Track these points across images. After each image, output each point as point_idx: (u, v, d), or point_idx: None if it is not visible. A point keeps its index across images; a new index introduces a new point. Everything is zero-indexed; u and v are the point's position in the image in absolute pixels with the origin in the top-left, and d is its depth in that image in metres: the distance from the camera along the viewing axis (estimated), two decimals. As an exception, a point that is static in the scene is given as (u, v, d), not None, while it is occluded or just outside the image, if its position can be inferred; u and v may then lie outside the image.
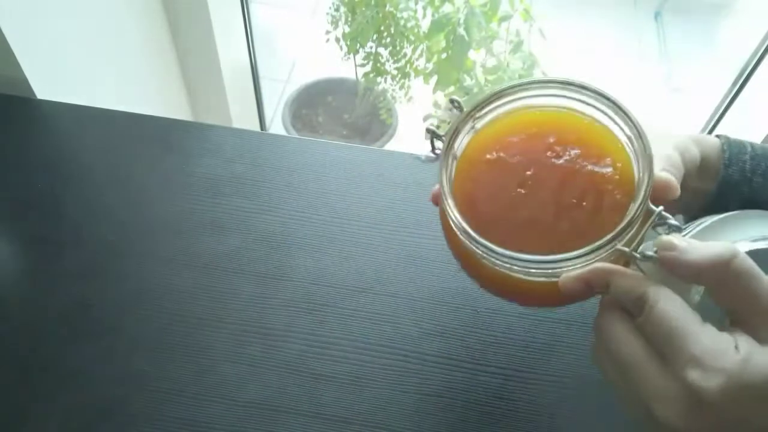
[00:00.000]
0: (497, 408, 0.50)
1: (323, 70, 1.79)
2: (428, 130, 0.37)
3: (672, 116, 1.89)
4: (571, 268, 0.32)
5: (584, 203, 0.34)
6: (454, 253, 0.40)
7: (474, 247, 0.34)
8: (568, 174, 0.35)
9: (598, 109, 0.36)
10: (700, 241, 0.30)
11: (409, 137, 1.72)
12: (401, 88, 1.43)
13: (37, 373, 0.51)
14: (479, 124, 0.37)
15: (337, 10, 1.36)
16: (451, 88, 1.34)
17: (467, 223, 0.34)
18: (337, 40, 1.39)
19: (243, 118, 1.40)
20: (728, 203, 0.45)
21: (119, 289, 0.55)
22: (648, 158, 0.32)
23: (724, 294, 0.30)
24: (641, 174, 0.33)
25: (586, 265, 0.32)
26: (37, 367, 0.51)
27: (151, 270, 0.56)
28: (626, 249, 0.31)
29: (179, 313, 0.54)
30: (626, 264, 0.33)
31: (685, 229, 0.38)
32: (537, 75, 1.28)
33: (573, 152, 0.36)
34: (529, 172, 0.36)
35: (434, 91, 1.35)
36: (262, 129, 1.59)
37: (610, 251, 0.31)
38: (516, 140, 0.37)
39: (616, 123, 0.35)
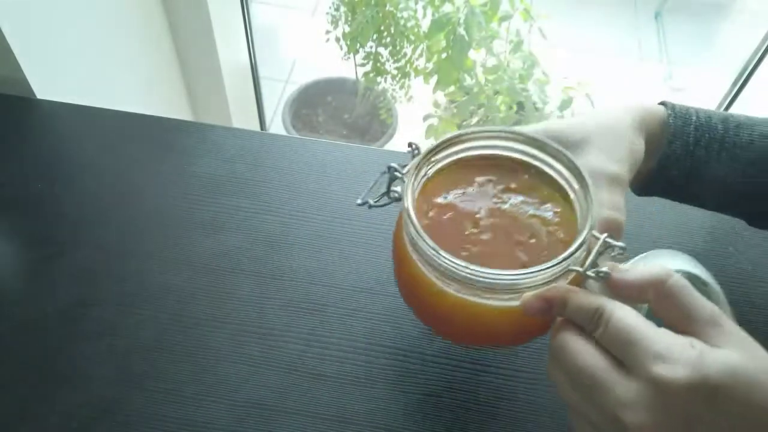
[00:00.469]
0: (497, 408, 0.50)
1: (323, 70, 1.79)
2: (389, 168, 0.39)
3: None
4: (530, 285, 0.35)
5: (532, 241, 0.38)
6: (407, 290, 0.42)
7: (438, 266, 0.36)
8: (514, 218, 0.39)
9: (541, 160, 0.40)
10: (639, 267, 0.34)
11: (409, 137, 1.72)
12: (401, 87, 1.43)
13: (37, 373, 0.51)
14: (434, 168, 0.40)
15: (337, 9, 1.36)
16: (452, 88, 1.34)
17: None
18: (337, 39, 1.39)
19: (243, 118, 1.40)
20: (670, 176, 0.46)
21: (119, 289, 0.55)
22: (592, 213, 0.36)
23: (665, 309, 0.32)
24: (584, 220, 0.37)
25: (544, 284, 0.35)
26: (37, 367, 0.51)
27: (151, 270, 0.56)
28: (579, 268, 0.35)
29: (179, 313, 0.54)
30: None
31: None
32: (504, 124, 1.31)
33: (518, 199, 0.40)
34: (478, 215, 0.39)
35: (434, 91, 1.35)
36: (262, 129, 1.59)
37: (565, 269, 0.35)
38: (466, 187, 0.41)
39: (561, 174, 0.39)
